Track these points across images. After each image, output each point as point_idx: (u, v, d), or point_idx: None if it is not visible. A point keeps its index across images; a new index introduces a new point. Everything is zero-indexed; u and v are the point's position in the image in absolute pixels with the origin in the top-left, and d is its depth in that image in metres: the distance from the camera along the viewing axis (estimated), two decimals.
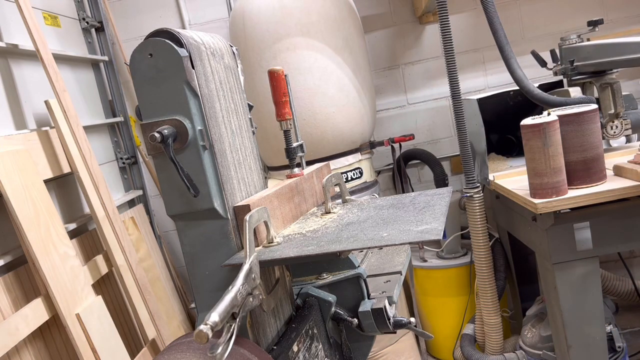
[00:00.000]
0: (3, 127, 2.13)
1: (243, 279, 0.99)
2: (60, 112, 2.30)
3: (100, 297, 2.15)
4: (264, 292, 1.09)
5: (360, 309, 1.32)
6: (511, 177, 2.47)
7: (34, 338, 1.90)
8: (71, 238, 2.20)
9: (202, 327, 0.85)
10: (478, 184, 2.56)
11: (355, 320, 1.33)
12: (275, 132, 1.61)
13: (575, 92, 2.36)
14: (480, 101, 2.57)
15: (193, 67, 1.12)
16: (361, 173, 2.83)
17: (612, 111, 2.32)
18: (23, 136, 2.10)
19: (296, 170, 1.51)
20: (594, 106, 2.03)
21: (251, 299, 1.02)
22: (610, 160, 2.17)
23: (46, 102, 2.28)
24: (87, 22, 3.00)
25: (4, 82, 2.18)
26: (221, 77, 1.25)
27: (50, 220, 2.00)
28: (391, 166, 3.29)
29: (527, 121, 1.98)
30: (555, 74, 2.58)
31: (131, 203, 3.08)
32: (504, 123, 2.72)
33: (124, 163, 3.11)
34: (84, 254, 2.35)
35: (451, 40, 2.42)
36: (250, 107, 1.41)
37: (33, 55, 2.30)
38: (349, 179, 2.78)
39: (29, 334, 1.83)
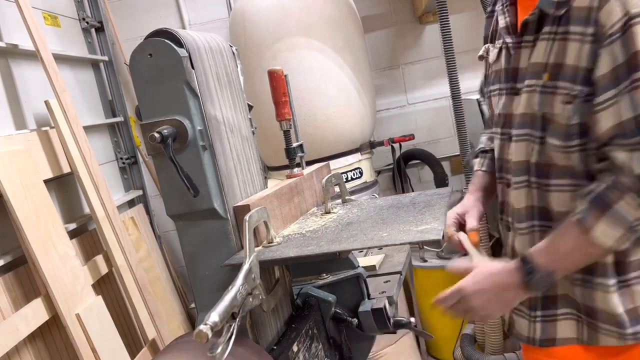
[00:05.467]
0: (3, 127, 2.13)
1: (243, 279, 0.99)
2: (60, 112, 2.30)
3: (100, 297, 2.15)
4: (263, 292, 1.09)
5: (360, 309, 1.32)
6: None
7: (34, 338, 1.90)
8: (71, 238, 2.20)
9: (202, 327, 0.86)
10: None
11: (355, 320, 1.33)
12: (275, 132, 1.61)
13: None
14: (481, 101, 2.57)
15: (193, 67, 1.12)
16: (361, 173, 2.83)
17: None
18: (23, 136, 2.10)
19: (296, 170, 1.51)
20: None
21: (251, 299, 1.02)
22: None
23: (46, 102, 2.28)
24: (87, 22, 3.00)
25: (4, 82, 2.18)
26: (221, 78, 1.25)
27: (50, 220, 2.00)
28: (391, 166, 3.29)
29: None
30: None
31: (131, 203, 3.08)
32: None
33: (124, 163, 3.11)
34: (84, 254, 2.35)
35: (451, 40, 2.42)
36: (250, 107, 1.41)
37: (33, 55, 2.30)
38: (349, 179, 2.78)
39: (29, 334, 1.83)
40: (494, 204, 3.03)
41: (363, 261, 1.50)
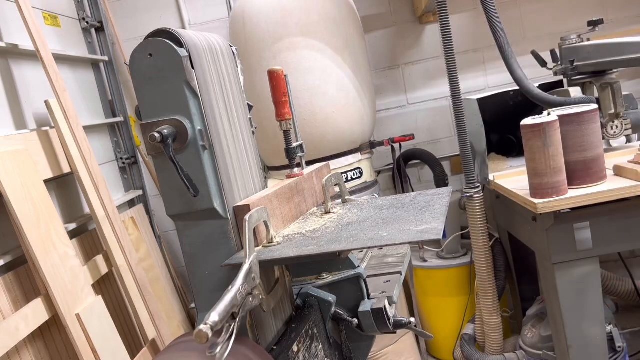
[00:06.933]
0: (3, 127, 2.13)
1: (243, 279, 0.99)
2: (60, 112, 2.30)
3: (100, 297, 2.15)
4: (263, 292, 1.09)
5: (360, 309, 1.32)
6: (511, 177, 2.47)
7: (34, 338, 1.90)
8: (71, 238, 2.20)
9: (202, 326, 0.86)
10: (478, 184, 2.56)
11: (355, 320, 1.33)
12: (275, 132, 1.61)
13: (575, 92, 2.36)
14: (480, 101, 2.57)
15: (193, 67, 1.12)
16: (361, 173, 2.83)
17: (612, 111, 2.32)
18: (23, 136, 2.10)
19: (296, 170, 1.51)
20: (594, 106, 2.03)
21: (251, 299, 1.02)
22: (610, 160, 2.17)
23: (46, 102, 2.28)
24: (87, 22, 3.00)
25: (4, 82, 2.18)
26: (221, 77, 1.25)
27: (50, 220, 2.00)
28: (391, 166, 3.29)
29: (527, 121, 1.98)
30: (555, 74, 2.58)
31: (131, 203, 3.08)
32: (504, 123, 2.72)
33: (124, 163, 3.11)
34: (84, 254, 2.35)
35: (451, 40, 2.42)
36: (250, 107, 1.41)
37: (33, 55, 2.30)
38: (349, 179, 2.78)
39: (29, 334, 1.83)
40: (494, 206, 3.03)
41: None
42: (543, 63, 2.64)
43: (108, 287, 2.47)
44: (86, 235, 2.43)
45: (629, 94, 2.44)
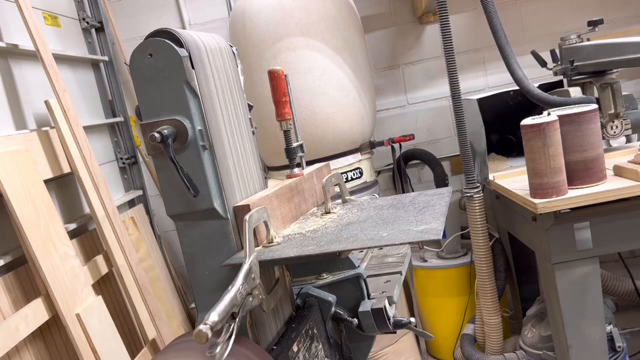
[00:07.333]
0: (3, 127, 2.13)
1: (243, 279, 0.99)
2: (60, 112, 2.30)
3: (100, 297, 2.15)
4: (263, 292, 1.09)
5: (360, 309, 1.32)
6: (511, 177, 2.47)
7: (34, 338, 1.90)
8: (71, 238, 2.20)
9: (201, 326, 0.86)
10: (478, 184, 2.56)
11: (355, 320, 1.33)
12: (275, 132, 1.61)
13: (575, 92, 2.36)
14: (480, 101, 2.57)
15: (193, 67, 1.12)
16: (361, 173, 2.83)
17: (612, 111, 2.32)
18: (23, 136, 2.10)
19: (296, 170, 1.51)
20: (594, 106, 2.03)
21: (251, 298, 1.02)
22: (610, 160, 2.17)
23: (46, 102, 2.28)
24: (87, 22, 3.00)
25: (4, 82, 2.18)
26: (221, 77, 1.25)
27: (50, 220, 2.00)
28: (391, 166, 3.29)
29: (527, 121, 1.98)
30: (555, 74, 2.58)
31: (131, 203, 3.08)
32: (504, 123, 2.73)
33: (124, 163, 3.11)
34: (84, 254, 2.35)
35: (451, 40, 2.42)
36: (250, 107, 1.41)
37: (33, 55, 2.30)
38: (349, 179, 2.78)
39: (29, 334, 1.83)
40: (494, 206, 3.03)
41: None
42: (543, 63, 2.64)
43: (108, 287, 2.47)
44: (86, 235, 2.43)
45: (629, 94, 2.44)
